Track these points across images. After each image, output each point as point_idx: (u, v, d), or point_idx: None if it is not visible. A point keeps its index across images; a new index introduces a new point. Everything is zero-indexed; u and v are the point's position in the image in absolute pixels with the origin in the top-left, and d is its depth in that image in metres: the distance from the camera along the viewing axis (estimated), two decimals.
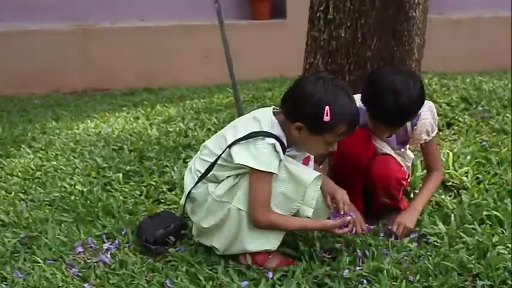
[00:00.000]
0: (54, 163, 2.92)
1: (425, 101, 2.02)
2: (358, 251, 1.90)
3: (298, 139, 1.81)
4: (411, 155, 2.22)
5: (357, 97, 1.98)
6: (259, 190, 1.77)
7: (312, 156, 1.91)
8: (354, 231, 1.92)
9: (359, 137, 1.99)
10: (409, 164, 2.17)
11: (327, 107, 1.72)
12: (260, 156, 1.74)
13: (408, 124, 2.03)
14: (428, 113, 2.02)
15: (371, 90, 1.92)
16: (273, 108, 1.87)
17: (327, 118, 1.72)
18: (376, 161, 2.05)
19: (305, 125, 1.77)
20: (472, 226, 2.01)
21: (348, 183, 2.06)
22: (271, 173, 1.77)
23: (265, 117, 1.81)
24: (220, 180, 1.84)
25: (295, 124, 1.78)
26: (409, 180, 2.14)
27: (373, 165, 2.04)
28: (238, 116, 3.07)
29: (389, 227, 2.02)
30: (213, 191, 1.83)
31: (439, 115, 2.93)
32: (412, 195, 2.26)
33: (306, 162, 1.89)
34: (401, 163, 2.09)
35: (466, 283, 1.74)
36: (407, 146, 2.15)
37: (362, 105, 1.95)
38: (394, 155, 2.07)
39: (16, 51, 5.40)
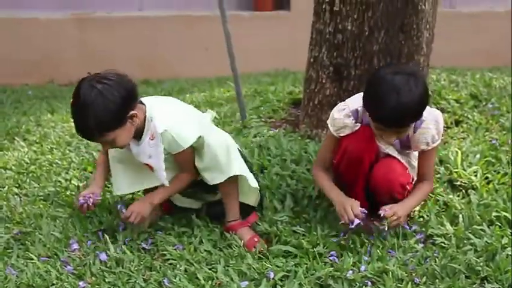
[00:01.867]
0: (49, 157, 2.86)
1: (433, 110, 1.95)
2: (362, 251, 1.85)
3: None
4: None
5: (361, 96, 1.91)
6: None
7: None
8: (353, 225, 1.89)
9: (362, 136, 1.93)
10: (415, 164, 2.09)
11: None
12: None
13: (411, 128, 1.95)
14: (432, 123, 1.93)
15: (370, 90, 1.85)
16: None
17: None
18: (380, 164, 1.98)
19: None
20: (480, 227, 1.98)
21: (349, 183, 2.01)
22: None
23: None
24: None
25: None
26: (413, 182, 2.07)
27: (377, 168, 1.97)
28: (240, 111, 3.01)
29: (384, 211, 1.89)
30: None
31: (447, 112, 2.88)
32: None
33: None
34: (406, 164, 2.02)
35: (474, 286, 1.71)
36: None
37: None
38: (398, 157, 2.00)
39: (10, 40, 5.30)
